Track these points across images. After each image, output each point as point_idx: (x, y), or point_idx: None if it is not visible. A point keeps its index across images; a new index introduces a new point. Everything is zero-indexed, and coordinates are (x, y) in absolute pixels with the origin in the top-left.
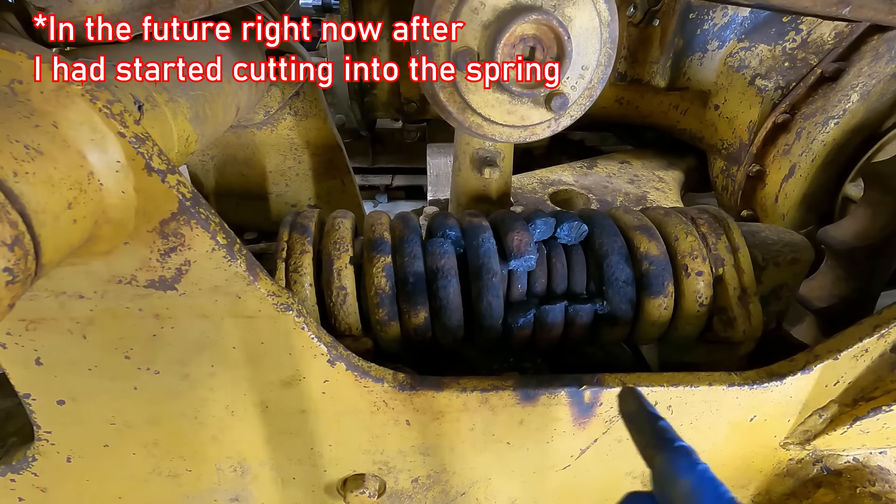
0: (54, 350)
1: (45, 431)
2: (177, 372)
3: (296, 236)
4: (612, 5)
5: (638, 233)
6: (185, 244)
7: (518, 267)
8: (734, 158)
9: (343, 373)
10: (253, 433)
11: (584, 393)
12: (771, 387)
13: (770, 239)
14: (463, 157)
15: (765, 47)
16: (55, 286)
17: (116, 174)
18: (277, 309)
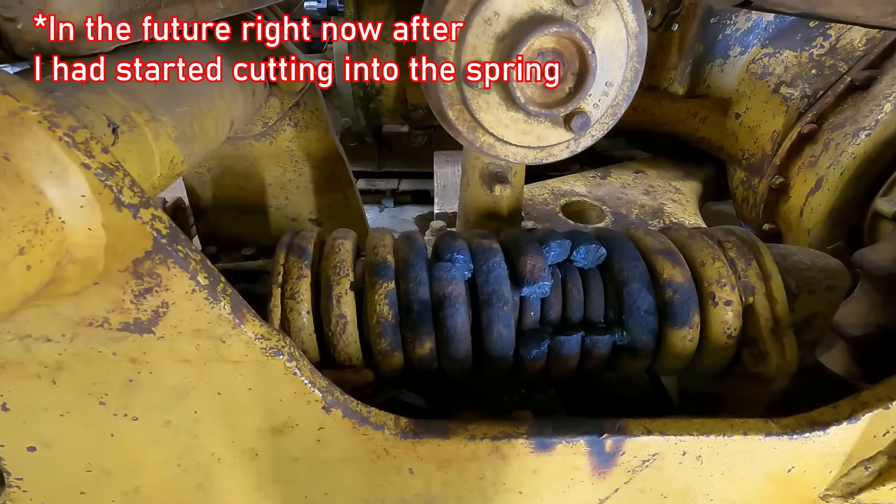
0: (21, 395)
1: (15, 478)
2: (157, 418)
3: (293, 259)
4: (640, 15)
5: (661, 257)
6: (161, 285)
7: (531, 294)
8: (756, 169)
9: (340, 420)
10: (242, 481)
11: (605, 442)
12: (813, 437)
13: (803, 264)
14: (472, 172)
15: (790, 53)
16: (18, 329)
17: (81, 209)
18: (266, 353)
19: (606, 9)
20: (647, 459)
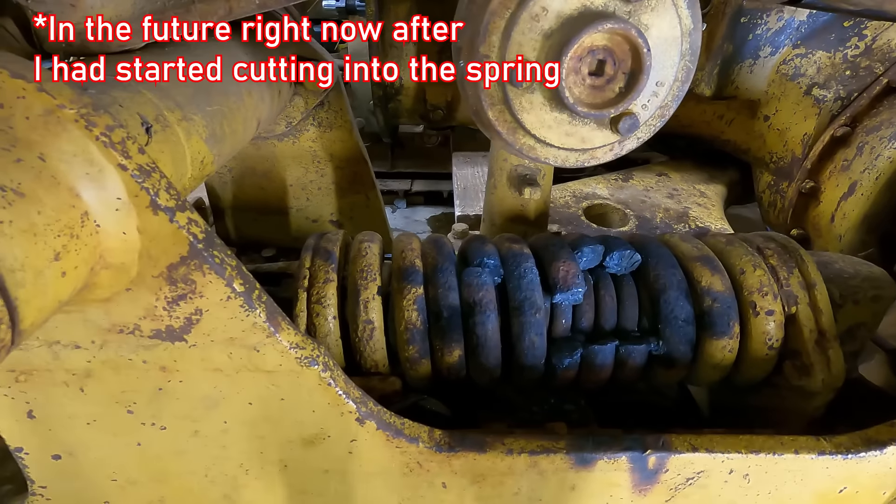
0: (48, 403)
1: (39, 486)
2: (185, 428)
3: (319, 262)
4: (696, 12)
5: (699, 265)
6: (196, 291)
7: (563, 301)
8: (784, 173)
9: (373, 432)
10: (269, 492)
11: (648, 458)
12: (868, 456)
13: (846, 272)
14: (499, 174)
15: (823, 54)
16: (47, 335)
17: (116, 213)
18: (301, 363)
19: (661, 5)
20: (692, 477)
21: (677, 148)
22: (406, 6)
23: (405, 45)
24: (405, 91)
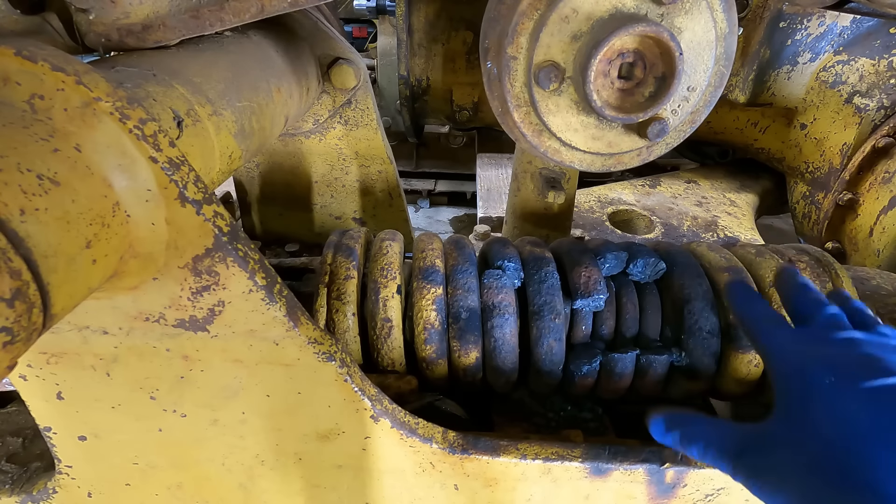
0: (76, 385)
1: (65, 465)
2: (205, 416)
3: (340, 259)
4: (732, 15)
5: (726, 275)
6: (219, 283)
7: (584, 307)
8: (821, 184)
9: (388, 430)
10: (284, 484)
11: (665, 472)
12: None
13: (884, 289)
14: (523, 176)
15: (867, 61)
16: (78, 320)
17: (146, 204)
18: (319, 359)
19: (696, 7)
20: (711, 494)
21: (707, 156)
22: (435, 7)
23: (433, 45)
24: (432, 91)
